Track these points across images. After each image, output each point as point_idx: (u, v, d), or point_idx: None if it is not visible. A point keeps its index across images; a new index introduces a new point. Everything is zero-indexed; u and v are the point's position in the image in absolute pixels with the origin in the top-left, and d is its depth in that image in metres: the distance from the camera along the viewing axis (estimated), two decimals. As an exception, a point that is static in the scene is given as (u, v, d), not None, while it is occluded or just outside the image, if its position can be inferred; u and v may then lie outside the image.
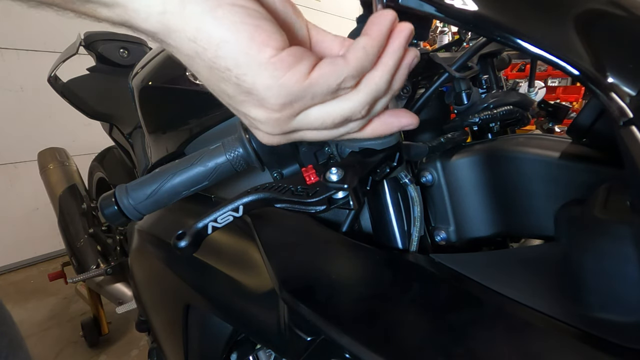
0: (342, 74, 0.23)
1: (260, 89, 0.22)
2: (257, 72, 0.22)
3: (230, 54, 0.21)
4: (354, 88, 0.25)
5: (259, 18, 0.22)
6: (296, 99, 0.23)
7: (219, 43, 0.21)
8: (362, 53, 0.24)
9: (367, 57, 0.24)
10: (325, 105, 0.25)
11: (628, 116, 0.22)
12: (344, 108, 0.25)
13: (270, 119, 0.25)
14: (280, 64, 0.22)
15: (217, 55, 0.21)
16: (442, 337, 0.28)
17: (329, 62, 0.23)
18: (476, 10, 0.27)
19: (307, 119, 0.25)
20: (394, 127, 0.29)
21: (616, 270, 0.25)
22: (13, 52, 2.15)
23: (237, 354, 0.55)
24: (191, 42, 0.22)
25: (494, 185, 0.39)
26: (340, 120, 0.26)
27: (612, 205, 0.26)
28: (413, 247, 0.41)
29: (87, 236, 1.45)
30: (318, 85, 0.23)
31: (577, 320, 0.27)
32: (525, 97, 0.46)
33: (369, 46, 0.24)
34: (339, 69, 0.23)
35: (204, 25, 0.21)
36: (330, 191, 0.29)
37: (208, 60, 0.22)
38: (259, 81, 0.22)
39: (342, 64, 0.23)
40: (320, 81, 0.23)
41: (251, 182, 0.58)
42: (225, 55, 0.21)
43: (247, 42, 0.21)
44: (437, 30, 2.81)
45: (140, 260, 0.75)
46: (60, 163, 1.56)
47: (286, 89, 0.22)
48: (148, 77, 0.76)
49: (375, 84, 0.25)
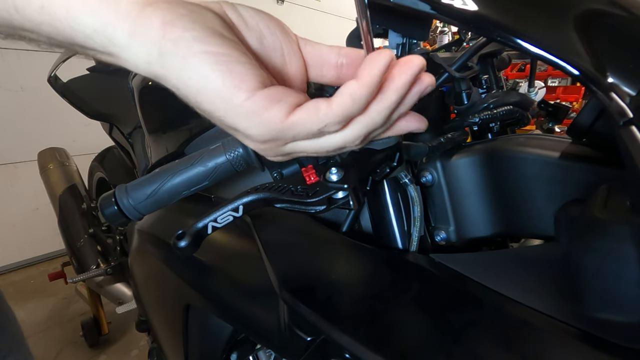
0: (323, 121, 0.23)
1: (241, 128, 0.23)
2: (234, 115, 0.23)
3: (208, 99, 0.22)
4: (343, 128, 0.24)
5: (230, 62, 0.22)
6: (278, 137, 0.24)
7: (196, 90, 0.22)
8: (348, 100, 0.23)
9: (353, 105, 0.23)
10: (313, 140, 0.25)
11: (628, 116, 0.22)
12: (334, 142, 0.25)
13: (260, 149, 0.26)
14: (255, 106, 0.22)
15: (197, 100, 0.23)
16: (442, 337, 0.28)
17: (311, 106, 0.23)
18: (476, 10, 0.27)
19: (297, 147, 0.25)
20: (401, 131, 0.29)
21: (616, 270, 0.25)
22: (13, 52, 2.15)
23: (237, 354, 0.55)
24: (176, 89, 0.23)
25: (494, 185, 0.39)
26: (334, 149, 0.26)
27: (612, 205, 0.26)
28: (413, 247, 0.41)
29: (87, 236, 1.45)
30: (297, 128, 0.23)
31: (577, 320, 0.27)
32: (525, 97, 0.46)
33: (356, 94, 0.23)
34: (320, 116, 0.23)
35: (182, 74, 0.22)
36: (330, 191, 0.30)
37: (193, 104, 0.23)
38: (238, 122, 0.23)
39: (323, 111, 0.23)
40: (299, 124, 0.23)
41: (251, 182, 0.58)
42: (204, 100, 0.22)
43: (220, 87, 0.22)
44: (437, 30, 2.81)
45: (140, 260, 0.75)
46: (60, 163, 1.56)
47: (264, 128, 0.23)
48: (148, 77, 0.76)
49: (369, 122, 0.25)
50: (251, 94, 0.22)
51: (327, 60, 0.28)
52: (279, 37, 0.27)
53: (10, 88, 2.16)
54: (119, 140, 1.23)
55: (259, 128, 0.23)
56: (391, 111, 0.25)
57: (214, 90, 0.22)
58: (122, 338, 1.67)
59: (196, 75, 0.21)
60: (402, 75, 0.23)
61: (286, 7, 3.77)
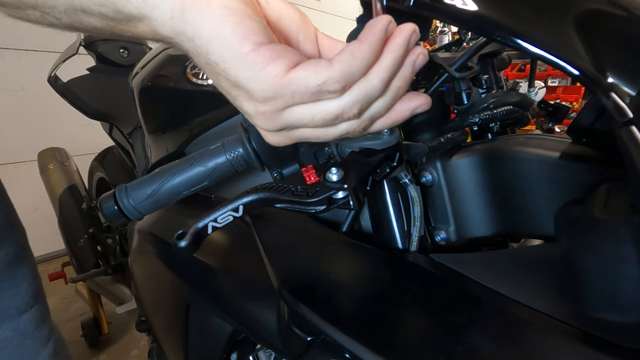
0: (323, 76, 0.23)
1: (243, 81, 0.24)
2: (238, 65, 0.24)
3: (217, 49, 0.24)
4: (343, 92, 0.25)
5: (243, 16, 0.24)
6: (277, 95, 0.24)
7: (208, 40, 0.24)
8: (348, 57, 0.23)
9: (354, 62, 0.23)
10: (310, 104, 0.25)
11: (628, 116, 0.22)
12: (330, 107, 0.25)
13: (258, 112, 0.26)
14: (258, 57, 0.23)
15: (208, 51, 0.24)
16: (442, 337, 0.28)
17: (311, 63, 0.24)
18: (476, 10, 0.27)
19: (295, 115, 0.26)
20: (405, 112, 0.28)
21: (616, 270, 0.25)
22: (13, 52, 2.15)
23: (237, 354, 0.55)
24: (190, 42, 0.24)
25: (494, 185, 0.39)
26: (330, 118, 0.26)
27: (612, 205, 0.26)
28: (413, 247, 0.41)
29: (87, 236, 1.44)
30: (296, 84, 0.23)
31: (577, 320, 0.27)
32: (525, 97, 0.46)
33: (357, 51, 0.23)
34: (319, 70, 0.23)
35: (197, 26, 0.24)
36: (330, 191, 0.29)
37: (203, 56, 0.24)
38: (239, 74, 0.24)
39: (323, 66, 0.23)
40: (298, 80, 0.23)
41: (251, 182, 0.58)
42: (213, 51, 0.24)
43: (229, 37, 0.23)
44: (437, 30, 2.81)
45: (140, 260, 0.75)
46: (60, 163, 1.56)
47: (265, 83, 0.24)
48: (148, 77, 0.76)
49: (366, 84, 0.25)
50: (257, 46, 0.23)
51: None
52: (297, 22, 0.28)
53: (10, 88, 2.16)
54: (119, 140, 1.23)
55: (260, 83, 0.24)
56: (389, 75, 0.25)
57: (223, 39, 0.23)
58: (122, 338, 1.67)
59: (210, 25, 0.23)
60: (396, 38, 0.24)
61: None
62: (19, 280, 0.52)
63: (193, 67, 0.68)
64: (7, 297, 0.50)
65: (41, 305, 0.57)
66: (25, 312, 0.53)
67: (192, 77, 0.67)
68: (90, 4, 0.25)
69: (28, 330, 0.53)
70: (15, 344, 0.51)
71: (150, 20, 0.25)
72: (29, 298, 0.53)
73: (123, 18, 0.25)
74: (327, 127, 0.27)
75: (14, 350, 0.51)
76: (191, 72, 0.67)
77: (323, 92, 0.24)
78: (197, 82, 0.66)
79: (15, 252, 0.52)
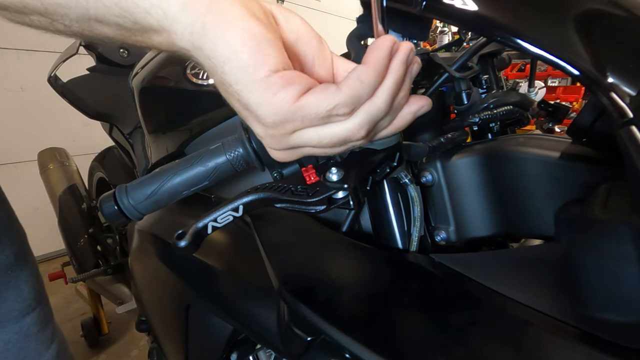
0: (332, 102, 0.24)
1: (253, 105, 0.25)
2: (251, 89, 0.24)
3: (232, 71, 0.24)
4: (350, 114, 0.25)
5: (262, 41, 0.24)
6: (286, 120, 0.25)
7: (224, 60, 0.24)
8: (356, 83, 0.24)
9: (362, 87, 0.24)
10: (319, 127, 0.26)
11: (628, 116, 0.22)
12: (338, 131, 0.26)
13: (267, 135, 0.27)
14: (271, 84, 0.24)
15: (224, 71, 0.24)
16: (442, 337, 0.28)
17: (321, 88, 0.25)
18: (476, 10, 0.27)
19: (302, 137, 0.26)
20: (407, 117, 0.29)
21: (616, 270, 0.25)
22: (13, 52, 2.15)
23: (237, 354, 0.55)
24: (207, 59, 0.25)
25: (494, 185, 0.39)
26: (338, 141, 0.26)
27: (612, 205, 0.26)
28: (413, 247, 0.41)
29: (87, 236, 1.44)
30: (306, 110, 0.24)
31: (577, 320, 0.27)
32: (525, 97, 0.46)
33: (364, 76, 0.24)
34: (329, 96, 0.24)
35: (216, 45, 0.24)
36: (330, 191, 0.29)
37: (218, 75, 0.25)
38: (251, 98, 0.24)
39: (332, 92, 0.24)
40: (308, 106, 0.24)
41: (251, 182, 0.58)
42: (229, 72, 0.24)
43: (246, 61, 0.24)
44: (437, 30, 2.81)
45: (140, 260, 0.75)
46: (60, 163, 1.56)
47: (275, 109, 0.24)
48: (148, 77, 0.76)
49: (372, 106, 0.25)
50: (271, 73, 0.24)
51: None
52: (313, 46, 0.29)
53: (10, 88, 2.16)
54: (119, 140, 1.23)
55: (270, 107, 0.24)
56: (393, 95, 0.26)
57: (239, 62, 0.24)
58: (122, 338, 1.67)
59: (229, 47, 0.24)
60: (397, 59, 0.25)
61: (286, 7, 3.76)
62: (21, 282, 0.52)
63: (193, 67, 0.68)
64: (9, 299, 0.50)
65: (44, 307, 0.57)
66: (28, 314, 0.53)
67: (192, 77, 0.67)
68: (107, 15, 0.24)
69: (31, 333, 0.53)
70: (19, 346, 0.51)
71: (170, 33, 0.25)
72: (32, 300, 0.53)
73: (140, 29, 0.25)
74: (332, 147, 0.28)
75: (18, 353, 0.51)
76: (191, 72, 0.67)
77: (332, 116, 0.25)
78: (197, 82, 0.66)
79: (16, 254, 0.52)
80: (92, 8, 0.24)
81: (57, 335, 0.58)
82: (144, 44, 0.27)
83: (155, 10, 0.24)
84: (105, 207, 0.38)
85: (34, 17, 0.26)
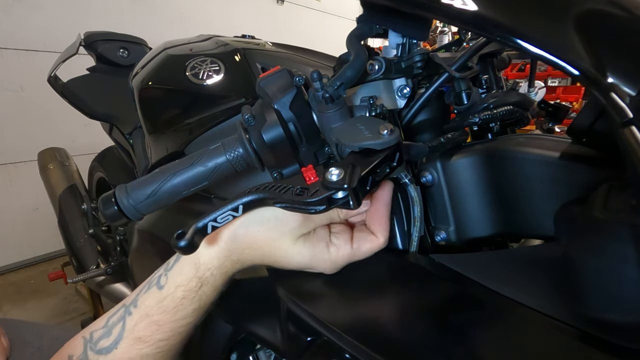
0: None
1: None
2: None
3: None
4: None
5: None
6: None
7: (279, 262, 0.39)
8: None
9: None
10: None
11: (628, 116, 0.22)
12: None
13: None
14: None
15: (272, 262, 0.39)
16: (442, 337, 0.28)
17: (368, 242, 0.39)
18: (476, 10, 0.27)
19: None
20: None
21: (616, 270, 0.25)
22: (13, 52, 2.15)
23: (237, 354, 0.55)
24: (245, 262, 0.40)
25: (494, 185, 0.39)
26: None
27: (612, 205, 0.26)
28: (413, 247, 0.41)
29: (87, 236, 1.44)
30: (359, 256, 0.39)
31: (577, 320, 0.27)
32: (525, 97, 0.46)
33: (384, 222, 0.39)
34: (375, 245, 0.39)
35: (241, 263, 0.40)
36: (330, 191, 0.29)
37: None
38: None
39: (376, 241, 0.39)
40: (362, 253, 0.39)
41: (251, 182, 0.58)
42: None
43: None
44: (437, 30, 2.81)
45: (140, 260, 0.75)
46: (60, 163, 1.56)
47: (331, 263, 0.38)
48: (148, 77, 0.76)
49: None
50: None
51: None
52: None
53: (10, 88, 2.16)
54: (119, 140, 1.23)
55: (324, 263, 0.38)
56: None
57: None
58: (122, 338, 1.66)
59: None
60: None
61: (286, 7, 3.76)
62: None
63: (193, 67, 0.68)
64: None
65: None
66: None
67: (192, 77, 0.67)
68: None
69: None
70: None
71: (207, 283, 0.39)
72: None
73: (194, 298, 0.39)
74: None
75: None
76: (191, 72, 0.67)
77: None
78: (197, 82, 0.66)
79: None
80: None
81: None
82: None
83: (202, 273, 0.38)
84: (105, 207, 0.38)
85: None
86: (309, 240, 0.37)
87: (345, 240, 0.38)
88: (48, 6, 2.16)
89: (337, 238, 0.38)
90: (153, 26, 2.64)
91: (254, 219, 0.37)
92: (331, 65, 0.72)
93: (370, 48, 0.41)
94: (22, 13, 2.11)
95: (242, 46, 0.74)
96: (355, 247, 0.37)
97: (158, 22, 2.71)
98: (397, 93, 0.43)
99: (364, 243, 0.37)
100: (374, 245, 0.37)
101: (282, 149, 0.37)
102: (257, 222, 0.37)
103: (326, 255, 0.37)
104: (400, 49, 0.41)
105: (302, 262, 0.37)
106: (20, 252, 2.32)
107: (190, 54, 0.73)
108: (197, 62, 0.69)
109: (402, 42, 0.41)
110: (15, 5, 2.08)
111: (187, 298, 0.38)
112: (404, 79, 0.43)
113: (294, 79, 0.37)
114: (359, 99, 0.41)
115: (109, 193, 0.39)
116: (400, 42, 0.41)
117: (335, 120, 0.35)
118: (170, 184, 0.38)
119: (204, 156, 0.38)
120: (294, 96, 0.36)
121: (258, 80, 0.37)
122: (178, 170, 0.38)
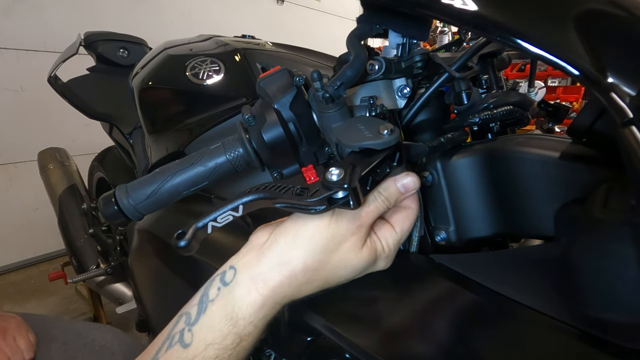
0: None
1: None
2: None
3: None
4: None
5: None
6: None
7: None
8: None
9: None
10: None
11: (628, 116, 0.22)
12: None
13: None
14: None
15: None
16: (442, 337, 0.28)
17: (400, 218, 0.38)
18: (476, 10, 0.27)
19: None
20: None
21: (616, 270, 0.25)
22: (13, 52, 2.15)
23: (237, 354, 0.55)
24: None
25: (494, 185, 0.39)
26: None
27: (612, 205, 0.26)
28: (413, 247, 0.41)
29: (87, 236, 1.44)
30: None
31: (577, 320, 0.27)
32: (525, 97, 0.46)
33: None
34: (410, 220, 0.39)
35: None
36: (330, 191, 0.29)
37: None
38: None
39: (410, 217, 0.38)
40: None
41: (251, 182, 0.58)
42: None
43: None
44: (437, 30, 2.81)
45: (140, 260, 0.75)
46: (60, 163, 1.56)
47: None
48: (148, 77, 0.76)
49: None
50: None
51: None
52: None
53: (10, 88, 2.16)
54: (119, 140, 1.23)
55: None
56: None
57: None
58: (122, 338, 1.67)
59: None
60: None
61: (286, 7, 3.76)
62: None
63: (193, 67, 0.68)
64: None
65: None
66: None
67: (192, 77, 0.67)
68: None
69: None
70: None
71: (240, 311, 0.34)
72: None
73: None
74: None
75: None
76: (191, 72, 0.67)
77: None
78: (197, 82, 0.66)
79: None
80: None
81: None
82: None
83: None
84: (105, 207, 0.38)
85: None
86: (367, 245, 0.35)
87: (388, 228, 0.36)
88: (48, 6, 2.16)
89: (379, 229, 0.36)
90: (153, 26, 2.64)
91: (308, 251, 0.33)
92: (331, 65, 0.72)
93: (370, 48, 0.41)
94: (22, 13, 2.11)
95: (242, 46, 0.74)
96: (398, 230, 0.36)
97: (158, 22, 2.71)
98: (397, 93, 0.43)
99: (404, 221, 0.36)
100: (411, 216, 0.37)
101: (282, 149, 0.37)
102: (312, 252, 0.33)
103: (384, 251, 0.35)
104: (400, 49, 0.41)
105: (367, 269, 0.35)
106: (20, 252, 2.32)
107: (190, 54, 0.73)
108: (197, 62, 0.69)
109: (402, 42, 0.41)
110: (15, 5, 2.08)
111: (222, 357, 0.32)
112: (404, 79, 0.43)
113: (294, 79, 0.37)
114: (359, 99, 0.41)
115: (109, 193, 0.39)
116: (400, 42, 0.41)
117: (335, 120, 0.35)
118: (170, 184, 0.38)
119: (204, 156, 0.38)
120: (294, 96, 0.36)
121: (258, 80, 0.37)
122: (178, 170, 0.38)
